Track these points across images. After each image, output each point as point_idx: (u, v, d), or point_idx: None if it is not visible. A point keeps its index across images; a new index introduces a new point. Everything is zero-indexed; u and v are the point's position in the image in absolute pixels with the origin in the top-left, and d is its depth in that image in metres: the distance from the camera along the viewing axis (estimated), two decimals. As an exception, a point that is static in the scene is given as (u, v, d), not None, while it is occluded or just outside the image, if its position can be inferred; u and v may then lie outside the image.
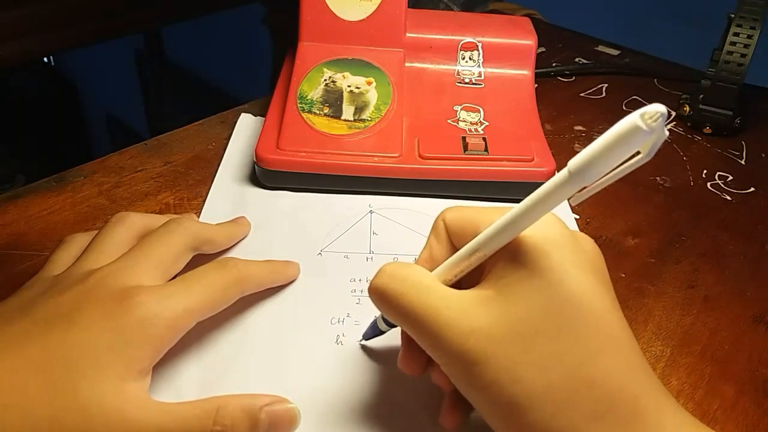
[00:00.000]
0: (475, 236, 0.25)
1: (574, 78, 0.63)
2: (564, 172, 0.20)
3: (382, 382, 0.30)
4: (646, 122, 0.18)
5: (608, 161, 0.19)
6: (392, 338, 0.32)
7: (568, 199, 0.22)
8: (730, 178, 0.49)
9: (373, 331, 0.31)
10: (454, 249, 0.27)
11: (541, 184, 0.45)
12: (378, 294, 0.26)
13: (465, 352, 0.23)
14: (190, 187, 0.43)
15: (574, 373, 0.22)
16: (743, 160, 0.52)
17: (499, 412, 0.23)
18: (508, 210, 0.24)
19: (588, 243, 0.26)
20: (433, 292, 0.25)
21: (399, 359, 0.28)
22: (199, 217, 0.40)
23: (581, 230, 0.40)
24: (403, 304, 0.25)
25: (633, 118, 0.18)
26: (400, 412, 0.29)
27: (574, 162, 0.20)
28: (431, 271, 0.27)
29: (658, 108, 0.18)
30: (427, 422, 0.29)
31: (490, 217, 0.25)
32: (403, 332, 0.27)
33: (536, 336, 0.22)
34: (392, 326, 0.30)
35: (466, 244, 0.26)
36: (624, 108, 0.58)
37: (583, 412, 0.21)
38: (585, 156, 0.20)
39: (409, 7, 0.46)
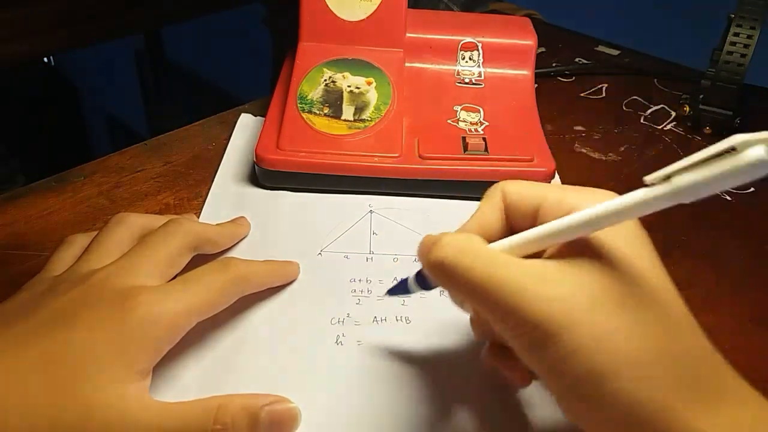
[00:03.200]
0: (537, 213, 0.25)
1: (574, 78, 0.63)
2: (667, 186, 0.20)
3: (382, 382, 0.30)
4: None
5: (718, 186, 0.19)
6: (394, 338, 0.32)
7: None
8: (730, 178, 0.49)
9: (403, 290, 0.30)
10: (505, 220, 0.27)
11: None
12: (440, 268, 0.25)
13: (547, 319, 0.22)
14: (190, 187, 0.43)
15: (658, 345, 0.22)
16: (743, 160, 0.51)
17: (576, 383, 0.22)
18: (568, 187, 0.25)
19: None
20: (506, 262, 0.24)
21: (473, 324, 0.29)
22: (199, 217, 0.40)
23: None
24: (469, 277, 0.24)
25: (761, 153, 0.17)
26: (401, 412, 0.29)
27: (681, 179, 0.19)
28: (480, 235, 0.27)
29: None
30: (428, 422, 0.29)
31: (552, 195, 0.25)
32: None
33: (619, 306, 0.22)
34: (425, 288, 0.29)
35: (523, 217, 0.26)
36: (624, 108, 0.58)
37: (667, 382, 0.21)
38: (695, 178, 0.19)
39: (409, 7, 0.46)
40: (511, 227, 0.27)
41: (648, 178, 0.21)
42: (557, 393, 0.23)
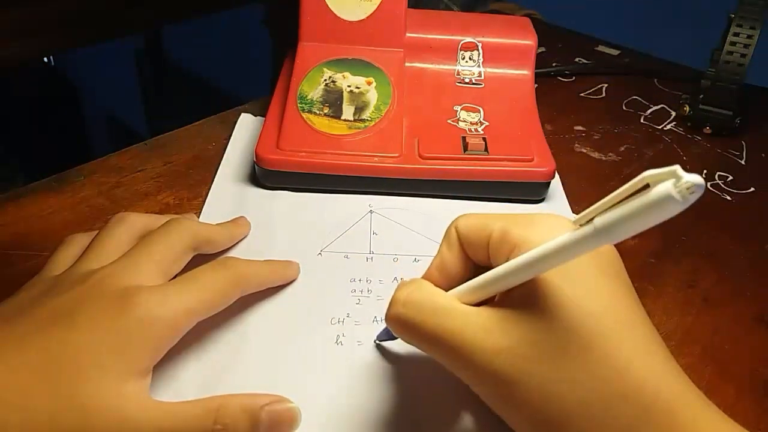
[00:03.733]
0: (488, 247, 0.25)
1: (574, 78, 0.63)
2: (590, 227, 0.20)
3: (382, 382, 0.30)
4: (682, 193, 0.17)
5: (635, 226, 0.18)
6: (396, 340, 0.32)
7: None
8: (730, 178, 0.49)
9: (388, 335, 0.31)
10: (466, 257, 0.27)
11: (540, 184, 0.45)
12: (396, 324, 0.26)
13: (494, 373, 0.23)
14: (190, 187, 0.43)
15: (605, 388, 0.21)
16: (743, 160, 0.52)
17: (536, 429, 0.23)
18: (517, 216, 0.25)
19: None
20: (451, 313, 0.24)
21: None
22: (199, 217, 0.40)
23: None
24: (423, 331, 0.25)
25: (667, 189, 0.17)
26: (400, 412, 0.29)
27: (601, 221, 0.19)
28: (443, 278, 0.27)
29: (695, 180, 0.17)
30: (427, 421, 0.29)
31: (498, 228, 0.25)
32: None
33: (562, 354, 0.22)
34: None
35: (477, 252, 0.26)
36: (624, 108, 0.58)
37: (619, 425, 0.21)
38: (613, 217, 0.19)
39: (409, 7, 0.46)
40: (473, 263, 0.27)
41: (575, 219, 0.21)
42: (519, 430, 0.24)
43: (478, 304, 0.25)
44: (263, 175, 0.42)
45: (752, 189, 0.48)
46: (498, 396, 0.23)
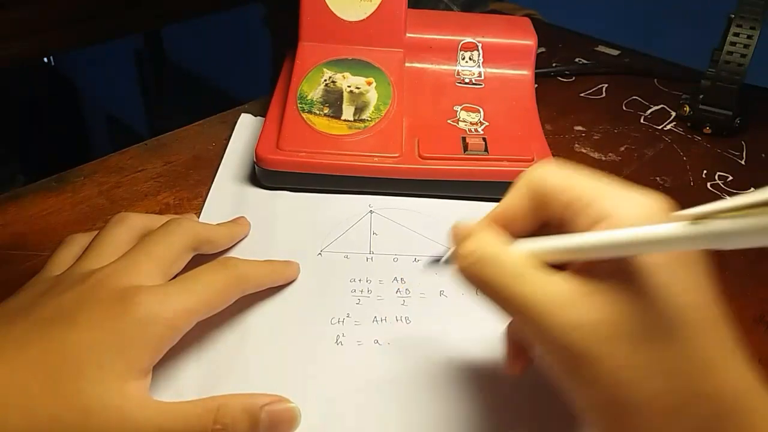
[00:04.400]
0: (566, 206, 0.23)
1: (574, 78, 0.63)
2: (705, 228, 0.19)
3: (381, 382, 0.30)
4: None
5: (759, 240, 0.17)
6: (394, 338, 0.32)
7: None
8: (730, 178, 0.49)
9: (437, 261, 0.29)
10: (535, 209, 0.25)
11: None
12: (465, 279, 0.25)
13: (568, 346, 0.21)
14: (190, 187, 0.43)
15: (684, 385, 0.20)
16: (743, 160, 0.52)
17: (599, 410, 0.22)
18: (610, 186, 0.23)
19: None
20: (525, 279, 0.23)
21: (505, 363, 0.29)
22: (199, 217, 0.40)
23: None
24: (493, 289, 0.24)
25: None
26: (400, 412, 0.29)
27: (722, 225, 0.18)
28: (503, 227, 0.25)
29: None
30: (427, 422, 0.29)
31: (587, 195, 0.23)
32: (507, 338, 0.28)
33: (646, 340, 0.21)
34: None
35: (551, 208, 0.24)
36: (624, 108, 0.58)
37: (691, 424, 0.20)
38: (738, 226, 0.18)
39: (409, 7, 0.46)
40: (540, 215, 0.25)
41: (685, 212, 0.19)
42: (582, 411, 0.23)
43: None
44: (263, 175, 0.42)
45: (752, 189, 0.48)
46: (565, 368, 0.22)
